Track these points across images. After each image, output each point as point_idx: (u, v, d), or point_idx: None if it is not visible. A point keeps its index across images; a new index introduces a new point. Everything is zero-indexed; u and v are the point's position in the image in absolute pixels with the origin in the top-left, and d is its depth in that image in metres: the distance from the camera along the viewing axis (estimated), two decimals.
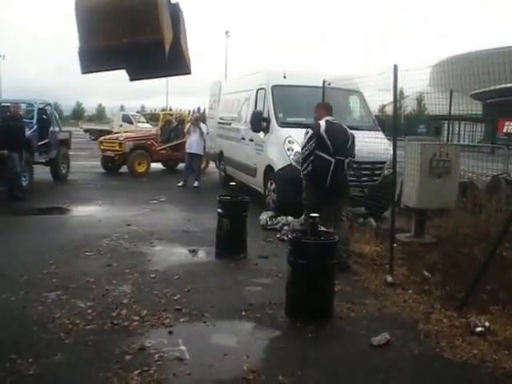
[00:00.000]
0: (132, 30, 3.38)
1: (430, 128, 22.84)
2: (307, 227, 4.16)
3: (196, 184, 11.34)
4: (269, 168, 8.29)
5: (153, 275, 4.93)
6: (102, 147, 13.78)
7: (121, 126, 27.04)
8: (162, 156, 14.11)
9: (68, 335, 3.51)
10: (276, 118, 8.41)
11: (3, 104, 11.68)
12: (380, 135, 7.96)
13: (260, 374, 3.07)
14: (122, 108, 49.11)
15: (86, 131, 33.24)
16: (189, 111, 17.50)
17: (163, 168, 15.07)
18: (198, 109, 17.08)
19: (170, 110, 23.43)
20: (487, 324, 3.77)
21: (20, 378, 2.95)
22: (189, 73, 3.97)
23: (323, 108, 5.61)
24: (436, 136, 14.71)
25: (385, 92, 6.34)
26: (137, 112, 39.06)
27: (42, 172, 11.16)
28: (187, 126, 11.91)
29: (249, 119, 8.95)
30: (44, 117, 11.26)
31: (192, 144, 11.35)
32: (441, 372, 3.26)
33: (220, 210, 5.74)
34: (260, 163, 8.73)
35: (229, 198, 5.88)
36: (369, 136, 7.04)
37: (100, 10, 3.38)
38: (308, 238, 3.98)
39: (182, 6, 3.97)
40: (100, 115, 75.53)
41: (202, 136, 11.39)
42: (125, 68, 3.73)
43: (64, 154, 12.04)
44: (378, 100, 7.79)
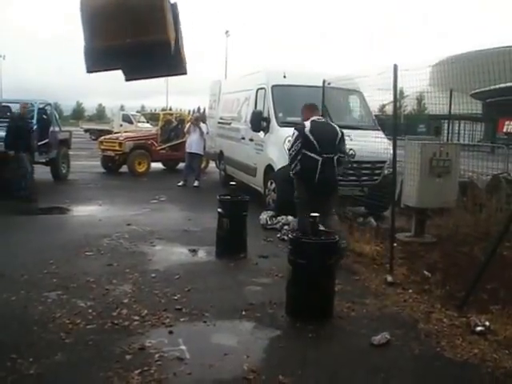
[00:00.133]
0: (138, 30, 3.37)
1: (430, 127, 22.88)
2: (302, 225, 4.15)
3: (196, 184, 11.34)
4: (269, 168, 8.29)
5: (153, 275, 4.93)
6: (102, 147, 13.78)
7: (121, 126, 27.02)
8: (162, 156, 14.10)
9: (68, 335, 3.51)
10: (276, 118, 8.42)
11: (3, 104, 11.70)
12: (380, 135, 7.96)
13: (260, 374, 3.07)
14: (122, 108, 49.00)
15: (86, 131, 33.18)
16: (189, 111, 17.54)
17: (163, 168, 15.07)
18: (198, 108, 17.14)
19: (170, 110, 23.40)
20: (487, 323, 3.77)
21: (20, 378, 2.95)
22: (185, 73, 3.96)
23: (308, 109, 5.73)
24: (436, 135, 14.74)
25: (385, 91, 6.35)
26: (137, 112, 39.02)
27: (42, 172, 11.16)
28: (187, 126, 11.91)
29: (249, 119, 8.95)
30: (44, 117, 11.25)
31: (192, 144, 11.36)
32: (441, 371, 3.26)
33: (220, 210, 5.75)
34: (260, 163, 8.73)
35: (229, 198, 5.88)
36: (369, 135, 7.04)
37: (105, 10, 3.37)
38: (308, 238, 3.99)
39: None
40: (100, 115, 75.41)
41: (202, 136, 11.39)
42: (121, 68, 3.70)
43: (64, 154, 12.03)
44: (378, 99, 7.79)
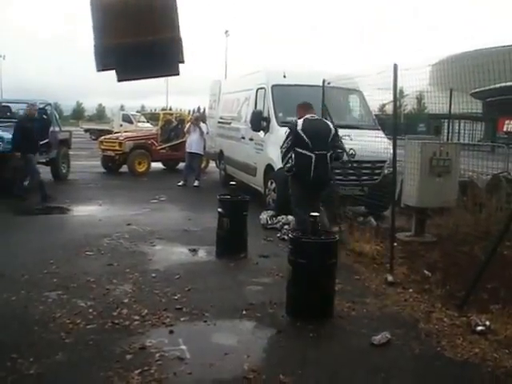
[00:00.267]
0: (149, 29, 3.36)
1: (430, 127, 22.92)
2: (299, 222, 4.18)
3: (196, 183, 11.33)
4: (269, 167, 8.29)
5: (153, 275, 4.93)
6: (103, 147, 13.79)
7: (121, 126, 26.99)
8: (162, 155, 14.10)
9: (69, 335, 3.52)
10: (276, 118, 8.41)
11: (3, 104, 11.70)
12: (380, 134, 7.96)
13: (261, 373, 3.07)
14: (122, 108, 48.95)
15: (86, 131, 33.20)
16: (189, 111, 17.50)
17: (163, 167, 15.07)
18: (198, 108, 17.11)
19: (170, 110, 23.38)
20: (488, 323, 3.77)
21: (21, 378, 2.96)
22: (178, 74, 3.95)
23: (302, 108, 5.88)
24: (436, 135, 14.75)
25: (385, 91, 6.34)
26: (137, 112, 38.95)
27: (43, 172, 11.11)
28: (187, 126, 11.91)
29: (249, 118, 8.95)
30: (44, 117, 11.23)
31: (192, 143, 11.36)
32: (441, 371, 3.26)
33: (220, 210, 5.75)
34: (260, 162, 8.73)
35: (229, 198, 5.88)
36: (369, 135, 7.04)
37: (115, 8, 3.36)
38: (308, 238, 3.99)
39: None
40: (100, 115, 75.45)
41: (202, 135, 11.40)
42: (115, 68, 3.68)
43: (64, 154, 12.03)
44: (378, 99, 7.78)
